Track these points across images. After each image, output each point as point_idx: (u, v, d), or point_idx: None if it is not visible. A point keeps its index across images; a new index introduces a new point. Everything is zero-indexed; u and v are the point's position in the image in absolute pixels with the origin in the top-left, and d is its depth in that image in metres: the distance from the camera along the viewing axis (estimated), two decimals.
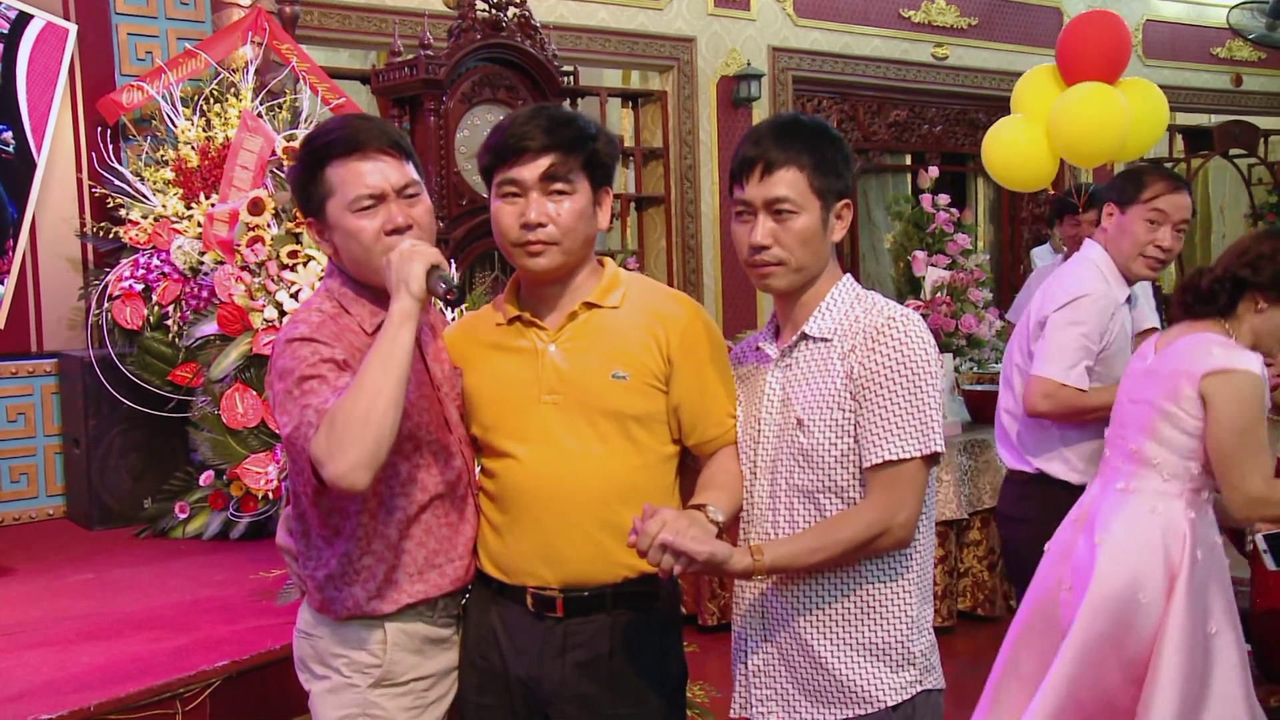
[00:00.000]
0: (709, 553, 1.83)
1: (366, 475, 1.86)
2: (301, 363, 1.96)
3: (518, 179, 2.07)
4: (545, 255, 2.08)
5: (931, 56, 9.90)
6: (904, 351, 1.96)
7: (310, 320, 2.04)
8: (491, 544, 2.17)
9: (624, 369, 2.10)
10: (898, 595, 2.01)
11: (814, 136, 2.04)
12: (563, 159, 2.06)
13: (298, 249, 3.86)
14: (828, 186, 2.03)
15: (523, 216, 2.07)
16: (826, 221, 2.04)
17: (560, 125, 2.08)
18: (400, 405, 1.89)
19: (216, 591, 3.42)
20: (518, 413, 2.12)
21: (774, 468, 2.06)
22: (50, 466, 4.57)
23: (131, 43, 4.80)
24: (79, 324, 4.58)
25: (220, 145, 4.38)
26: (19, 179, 4.52)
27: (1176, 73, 11.35)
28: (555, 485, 2.09)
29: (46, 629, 3.13)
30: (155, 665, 2.79)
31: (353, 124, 2.09)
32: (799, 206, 2.01)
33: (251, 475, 3.78)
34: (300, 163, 2.11)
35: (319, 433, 1.87)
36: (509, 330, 2.17)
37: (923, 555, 2.05)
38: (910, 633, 2.01)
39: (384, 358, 1.89)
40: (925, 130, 10.18)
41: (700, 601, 5.24)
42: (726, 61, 8.81)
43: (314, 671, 2.15)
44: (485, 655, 2.16)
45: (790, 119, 2.08)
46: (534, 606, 2.11)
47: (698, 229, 8.69)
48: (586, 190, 2.11)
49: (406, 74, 5.41)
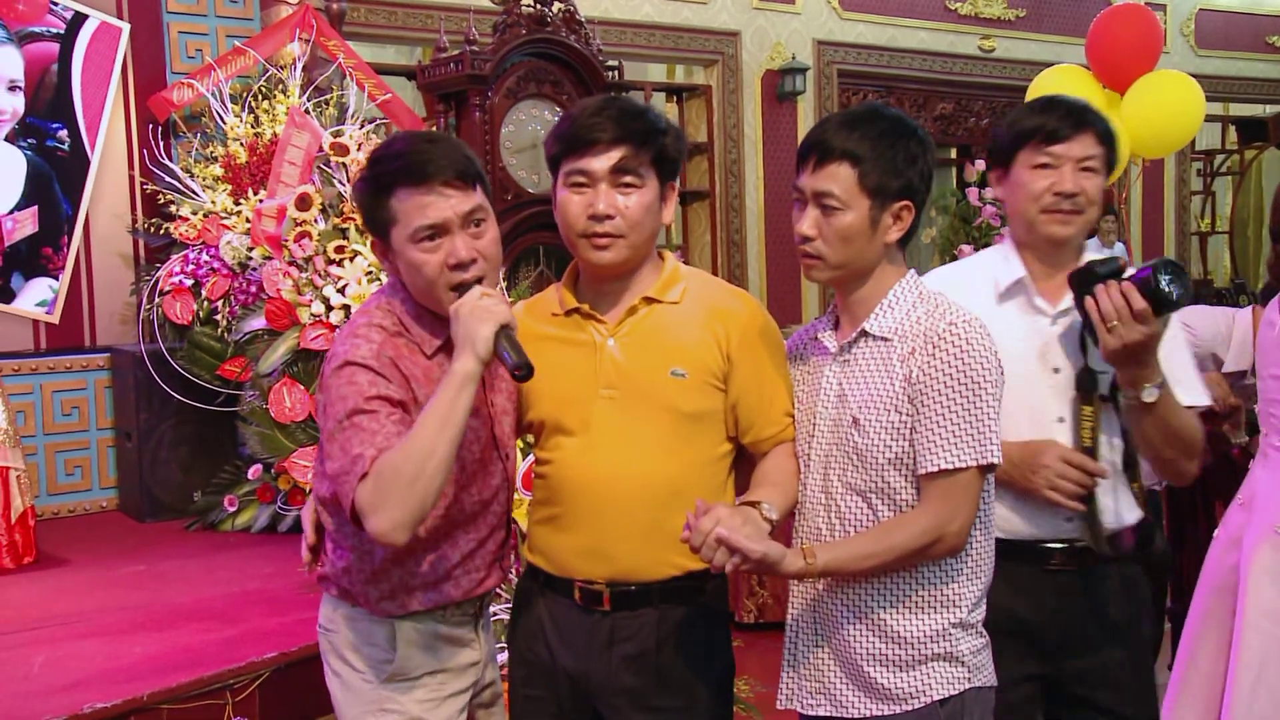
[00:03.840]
0: (763, 552, 1.82)
1: (406, 534, 1.85)
2: (356, 394, 1.93)
3: (587, 170, 2.05)
4: (611, 249, 2.06)
5: (978, 49, 9.82)
6: (965, 359, 1.92)
7: (370, 339, 2.00)
8: (540, 536, 2.17)
9: (683, 366, 2.08)
10: (950, 597, 1.99)
11: (882, 132, 1.98)
12: (634, 152, 2.04)
13: (344, 244, 3.89)
14: (883, 185, 1.97)
15: (590, 208, 2.04)
16: (878, 221, 1.99)
17: (632, 117, 2.05)
18: (450, 467, 1.88)
19: (265, 584, 3.46)
20: (574, 406, 2.11)
21: (827, 463, 2.05)
22: (103, 459, 4.63)
23: (182, 41, 4.86)
24: (131, 319, 4.64)
25: (268, 141, 4.42)
26: (73, 177, 4.60)
27: (1230, 62, 11.17)
28: (608, 480, 2.08)
29: (99, 619, 3.18)
30: (206, 656, 2.82)
31: (420, 150, 2.01)
32: (844, 204, 1.97)
33: (299, 469, 3.81)
34: (365, 184, 2.06)
35: (365, 483, 1.85)
36: (567, 321, 2.15)
37: (977, 558, 2.02)
38: (961, 633, 2.00)
39: (441, 419, 1.86)
40: (971, 123, 10.10)
41: (738, 599, 5.23)
42: (771, 55, 8.78)
43: (332, 667, 2.16)
44: (532, 648, 2.16)
45: (867, 110, 2.02)
46: (581, 600, 2.10)
47: (743, 224, 8.66)
48: (654, 184, 2.09)
49: (452, 69, 5.43)
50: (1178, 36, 10.87)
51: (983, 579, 2.04)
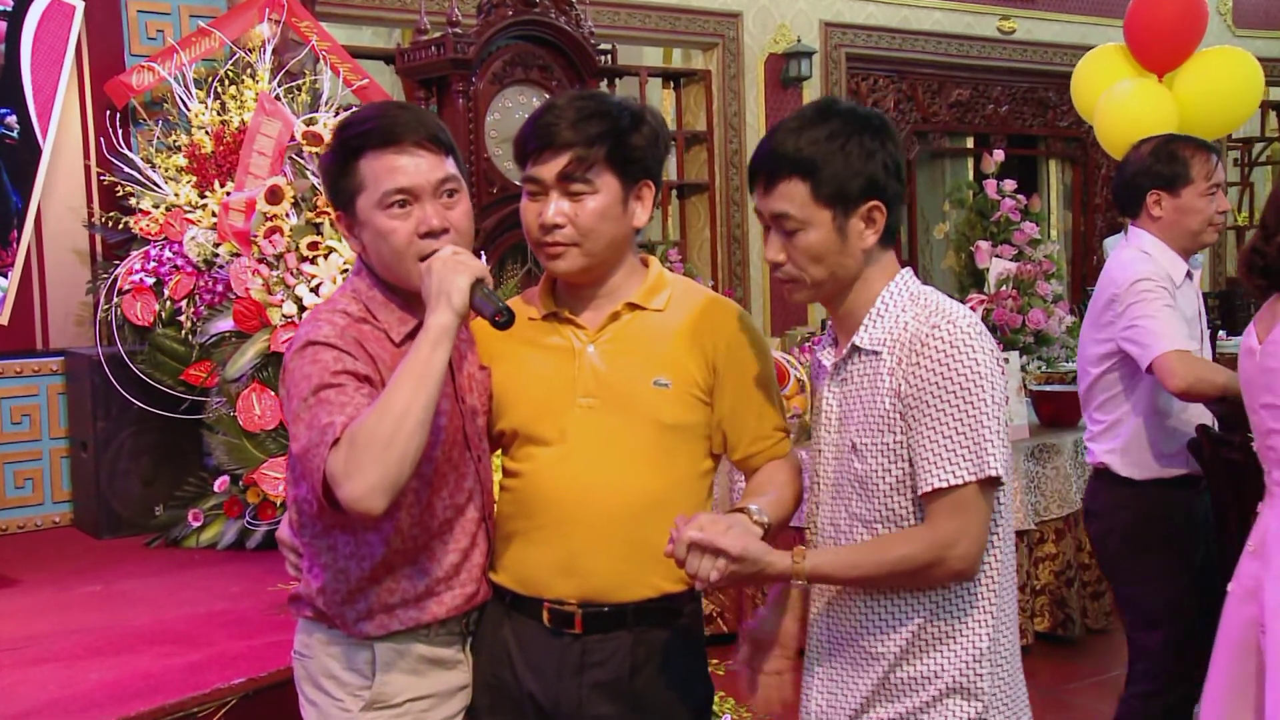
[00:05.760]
0: (741, 548, 1.81)
1: (384, 499, 1.83)
2: (321, 370, 1.93)
3: (537, 177, 2.08)
4: (565, 258, 2.08)
5: (997, 30, 9.83)
6: (950, 364, 1.87)
7: (334, 322, 2.01)
8: (508, 553, 2.16)
9: (667, 376, 2.09)
10: (967, 627, 1.95)
11: (831, 133, 1.92)
12: (581, 156, 2.05)
13: (318, 240, 3.88)
14: (842, 191, 1.92)
15: (540, 216, 2.08)
16: (845, 229, 1.94)
17: (586, 119, 2.06)
18: (428, 427, 1.87)
19: (232, 604, 3.44)
20: (549, 414, 2.11)
21: (835, 494, 2.03)
22: (56, 471, 4.60)
23: (142, 21, 4.83)
24: (87, 320, 4.63)
25: (236, 130, 4.41)
26: (23, 166, 4.57)
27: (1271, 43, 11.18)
28: (582, 494, 2.07)
29: (52, 644, 3.15)
30: (167, 683, 2.80)
31: (390, 113, 2.06)
32: (804, 222, 1.94)
33: (269, 481, 3.80)
34: (332, 152, 2.09)
35: (337, 449, 1.83)
36: (543, 326, 2.17)
37: (996, 583, 1.98)
38: (978, 665, 1.96)
39: (417, 375, 1.86)
40: (990, 110, 10.11)
41: (741, 619, 5.22)
42: (775, 38, 8.78)
43: (307, 695, 2.15)
44: (497, 673, 2.15)
45: (814, 111, 1.97)
46: (550, 622, 2.10)
47: (744, 218, 8.66)
48: (613, 188, 2.08)
49: (433, 53, 5.42)
50: (1215, 16, 10.87)
51: (1003, 605, 1.99)
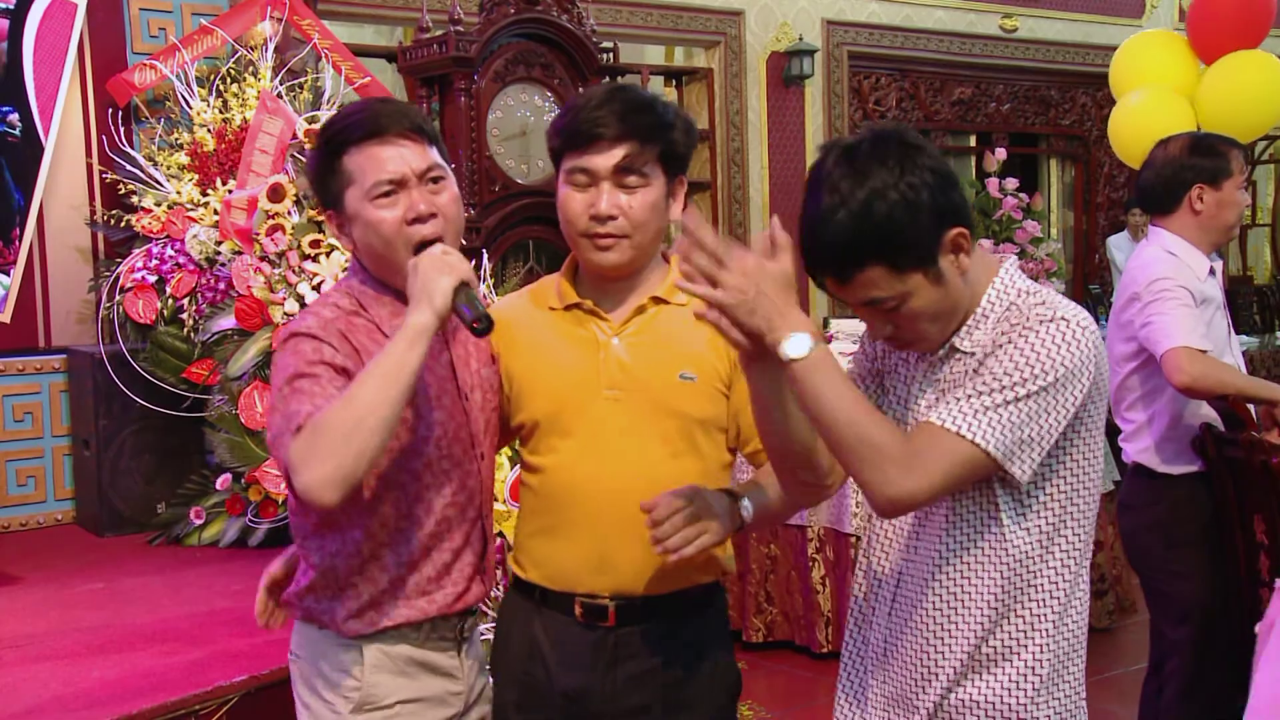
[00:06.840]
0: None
1: (336, 493, 1.81)
2: (299, 360, 1.95)
3: (589, 168, 2.06)
4: (615, 250, 2.07)
5: (999, 28, 9.83)
6: (1027, 352, 1.78)
7: (321, 315, 2.03)
8: (534, 548, 2.17)
9: (693, 370, 2.10)
10: (1027, 650, 1.88)
11: (870, 198, 1.74)
12: (639, 149, 2.04)
13: (320, 238, 3.89)
14: (919, 251, 1.78)
15: (593, 207, 2.05)
16: (940, 276, 1.81)
17: (638, 111, 2.05)
18: (393, 428, 1.86)
19: (234, 602, 3.44)
20: (574, 407, 2.11)
21: None
22: (58, 469, 4.61)
23: (144, 19, 4.84)
24: (89, 318, 4.64)
25: (238, 128, 4.42)
26: (26, 164, 4.58)
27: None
28: (611, 487, 2.08)
29: (54, 641, 3.16)
30: (169, 681, 2.81)
31: (372, 107, 2.08)
32: (899, 297, 1.81)
33: (271, 479, 3.81)
34: (318, 151, 2.11)
35: (299, 438, 1.84)
36: (566, 316, 2.16)
37: (1063, 605, 1.89)
38: (1035, 694, 1.89)
39: (386, 373, 1.85)
40: (992, 109, 10.12)
41: (745, 617, 5.22)
42: (777, 36, 8.78)
43: (301, 698, 2.14)
44: (528, 670, 2.15)
45: (838, 175, 1.77)
46: (583, 616, 2.11)
47: (746, 216, 8.66)
48: (661, 181, 2.09)
49: (435, 51, 5.42)
50: None
51: (1070, 632, 1.92)
